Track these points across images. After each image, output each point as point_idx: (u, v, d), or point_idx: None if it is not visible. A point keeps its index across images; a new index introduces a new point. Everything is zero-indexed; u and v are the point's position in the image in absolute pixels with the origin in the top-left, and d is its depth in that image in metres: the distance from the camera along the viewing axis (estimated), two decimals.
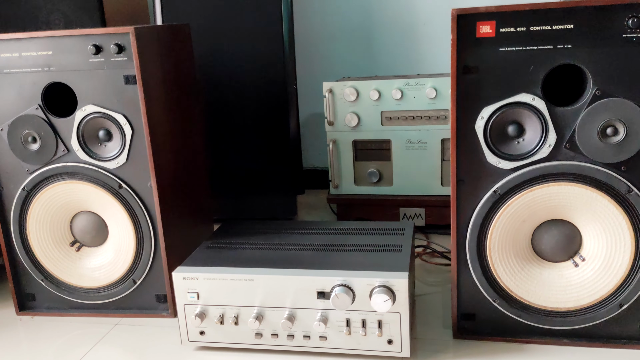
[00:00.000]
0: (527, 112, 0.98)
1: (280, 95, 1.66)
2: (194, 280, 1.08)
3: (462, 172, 1.03)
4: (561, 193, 0.99)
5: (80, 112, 1.17)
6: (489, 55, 0.96)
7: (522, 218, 1.03)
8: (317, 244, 1.18)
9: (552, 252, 1.05)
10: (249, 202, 1.78)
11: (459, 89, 0.98)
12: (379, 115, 1.58)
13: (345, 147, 1.63)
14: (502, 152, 1.01)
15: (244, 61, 1.65)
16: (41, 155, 1.20)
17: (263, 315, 1.07)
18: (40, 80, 1.17)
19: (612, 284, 1.01)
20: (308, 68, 2.08)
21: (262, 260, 1.11)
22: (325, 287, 1.03)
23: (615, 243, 1.00)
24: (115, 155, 1.18)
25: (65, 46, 1.14)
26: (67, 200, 1.23)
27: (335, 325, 1.04)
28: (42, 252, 1.27)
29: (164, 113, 1.23)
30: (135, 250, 1.23)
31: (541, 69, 0.95)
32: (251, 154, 1.73)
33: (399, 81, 1.55)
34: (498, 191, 1.02)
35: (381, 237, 1.20)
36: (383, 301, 0.99)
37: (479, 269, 1.06)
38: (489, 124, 0.99)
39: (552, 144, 0.98)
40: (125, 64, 1.13)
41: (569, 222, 1.04)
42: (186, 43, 1.38)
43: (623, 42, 0.91)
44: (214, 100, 1.70)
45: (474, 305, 1.09)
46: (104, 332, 1.23)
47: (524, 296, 1.06)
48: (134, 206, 1.20)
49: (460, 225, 1.06)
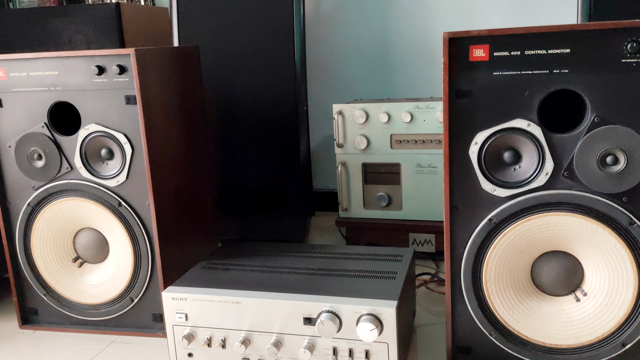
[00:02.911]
0: (523, 138, 0.94)
1: (291, 116, 1.66)
2: (183, 301, 1.07)
3: (455, 198, 0.99)
4: (560, 223, 0.95)
5: (83, 131, 1.19)
6: (483, 80, 0.93)
7: (520, 248, 0.99)
8: (311, 268, 1.16)
9: (553, 285, 1.00)
10: (258, 223, 1.77)
11: (452, 113, 0.96)
12: (388, 138, 1.56)
13: (355, 169, 1.61)
14: (498, 179, 0.97)
15: (255, 81, 1.66)
16: (46, 172, 1.23)
17: (250, 340, 1.05)
18: (47, 99, 1.20)
19: (615, 321, 0.96)
20: (321, 89, 2.08)
21: (252, 283, 1.09)
22: (312, 313, 1.00)
23: (618, 278, 0.95)
24: (116, 174, 1.20)
25: (71, 66, 1.17)
26: (70, 217, 1.25)
27: (322, 353, 1.02)
28: (45, 267, 1.29)
29: (166, 133, 1.24)
30: (133, 268, 1.23)
31: (537, 94, 0.92)
32: (261, 174, 1.72)
33: (409, 104, 1.52)
34: (493, 219, 0.98)
35: (378, 263, 1.17)
36: (369, 330, 0.96)
37: (475, 300, 1.02)
38: (483, 150, 0.96)
39: (550, 172, 0.94)
40: (126, 84, 1.15)
41: (570, 254, 0.99)
42: (194, 65, 1.39)
43: (622, 67, 0.87)
44: (224, 120, 1.71)
45: (470, 338, 1.05)
46: (100, 349, 1.23)
47: (522, 331, 1.01)
48: (133, 224, 1.21)
49: (455, 254, 1.02)
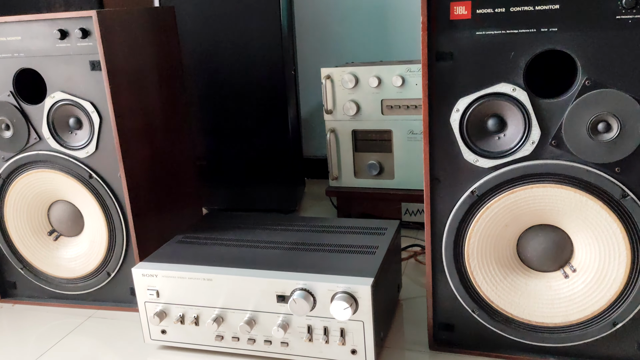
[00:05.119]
0: (508, 104, 0.87)
1: (278, 81, 1.59)
2: (153, 277, 1.03)
3: (436, 170, 0.93)
4: (547, 196, 0.88)
5: (49, 99, 1.13)
6: (465, 40, 0.85)
7: (504, 222, 0.92)
8: (290, 242, 1.10)
9: (540, 260, 0.94)
10: (248, 193, 1.72)
11: (431, 77, 0.88)
12: (379, 104, 1.48)
13: (345, 137, 1.54)
14: (481, 148, 0.90)
15: (239, 43, 1.58)
16: (14, 143, 1.18)
17: (224, 317, 1.01)
18: (11, 66, 1.14)
19: (605, 299, 0.90)
20: (312, 52, 1.98)
21: (227, 258, 1.05)
22: (286, 291, 0.96)
23: (609, 254, 0.88)
24: (85, 144, 1.14)
25: (33, 31, 1.10)
26: (43, 189, 1.21)
27: (296, 331, 0.97)
28: (20, 241, 1.25)
29: (137, 101, 1.18)
30: (108, 242, 1.19)
31: (523, 55, 0.84)
32: (249, 142, 1.66)
33: (400, 67, 1.44)
34: (476, 192, 0.91)
35: (360, 237, 1.11)
36: (343, 309, 0.91)
37: (457, 276, 0.96)
38: (465, 117, 0.89)
39: (536, 140, 0.86)
40: (90, 49, 1.08)
41: (558, 228, 0.92)
42: (169, 27, 1.32)
43: (616, 25, 0.78)
44: (208, 85, 1.64)
45: (452, 315, 0.99)
46: (79, 322, 1.20)
47: (507, 308, 0.95)
48: (105, 197, 1.16)
49: (435, 229, 0.96)
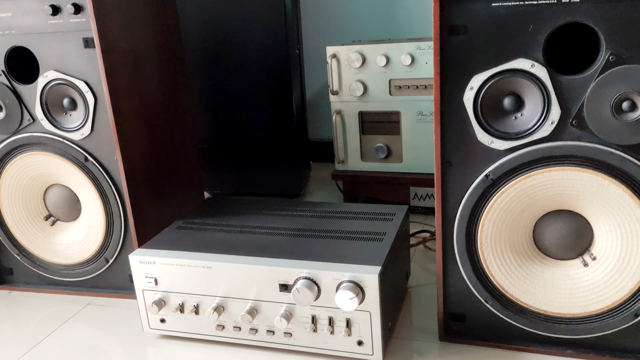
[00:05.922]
0: (526, 81, 0.81)
1: (282, 60, 1.53)
2: (151, 265, 0.98)
3: (448, 152, 0.87)
4: (566, 179, 0.83)
5: (42, 79, 1.09)
6: (480, 12, 0.79)
7: (520, 207, 0.87)
8: (293, 228, 1.06)
9: (558, 248, 0.89)
10: (251, 177, 1.67)
11: (443, 53, 0.82)
12: (387, 84, 1.42)
13: (351, 119, 1.48)
14: (496, 129, 0.84)
15: (241, 22, 1.53)
16: (7, 124, 1.13)
17: (225, 307, 0.96)
18: (2, 44, 1.09)
19: (627, 289, 0.85)
20: (317, 30, 1.92)
21: (227, 245, 1.00)
22: (289, 280, 0.91)
23: (632, 241, 0.83)
24: (80, 126, 1.10)
25: (24, 6, 1.05)
26: (38, 173, 1.16)
27: (300, 322, 0.93)
28: (16, 226, 1.21)
29: (134, 81, 1.13)
30: (106, 228, 1.15)
31: (543, 28, 0.78)
32: (253, 124, 1.61)
33: (410, 45, 1.38)
34: (490, 175, 0.86)
35: (367, 222, 1.06)
36: (348, 299, 0.86)
37: (469, 264, 0.91)
38: (479, 96, 0.83)
39: (556, 120, 0.81)
40: (83, 25, 1.03)
41: (578, 214, 0.87)
42: (168, 4, 1.26)
43: None
44: (211, 65, 1.58)
45: (464, 305, 0.95)
46: (77, 310, 1.17)
47: (522, 298, 0.90)
48: (102, 181, 1.12)
49: (447, 214, 0.91)
